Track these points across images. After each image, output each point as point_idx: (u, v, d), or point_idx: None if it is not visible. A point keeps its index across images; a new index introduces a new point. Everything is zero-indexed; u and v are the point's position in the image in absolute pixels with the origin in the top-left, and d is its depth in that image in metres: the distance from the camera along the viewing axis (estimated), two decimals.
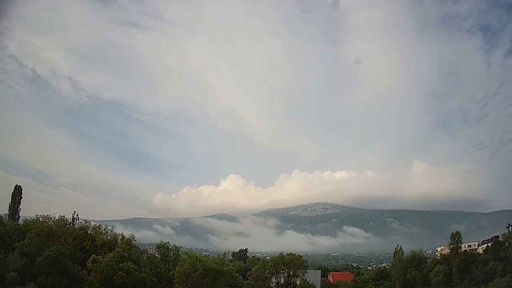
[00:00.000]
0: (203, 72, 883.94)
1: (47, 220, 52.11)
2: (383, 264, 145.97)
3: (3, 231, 48.72)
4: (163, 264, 52.58)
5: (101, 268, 42.63)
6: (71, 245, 46.50)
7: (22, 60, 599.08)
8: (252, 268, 76.46)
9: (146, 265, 50.84)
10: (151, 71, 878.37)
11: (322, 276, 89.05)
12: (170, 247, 53.89)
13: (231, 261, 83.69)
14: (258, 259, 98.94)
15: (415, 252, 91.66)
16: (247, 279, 73.81)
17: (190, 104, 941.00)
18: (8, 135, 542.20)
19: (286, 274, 66.36)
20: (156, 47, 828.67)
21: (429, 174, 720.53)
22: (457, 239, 79.00)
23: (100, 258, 43.57)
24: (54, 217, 53.22)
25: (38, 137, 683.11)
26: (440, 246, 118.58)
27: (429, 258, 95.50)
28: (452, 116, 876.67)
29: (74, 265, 43.28)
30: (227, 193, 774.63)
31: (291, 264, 65.60)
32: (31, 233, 43.06)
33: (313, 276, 73.16)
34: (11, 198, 71.75)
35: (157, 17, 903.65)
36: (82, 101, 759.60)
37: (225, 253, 59.01)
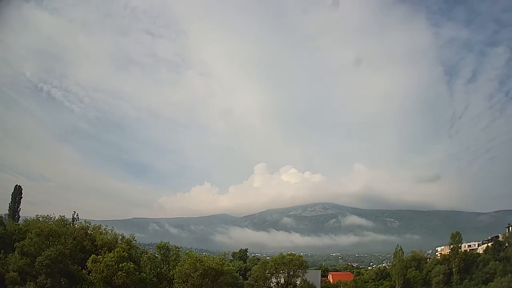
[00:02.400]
0: (195, 99, 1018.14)
1: (47, 220, 52.05)
2: (383, 264, 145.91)
3: (3, 231, 48.77)
4: (164, 264, 52.47)
5: (101, 268, 42.55)
6: (71, 245, 46.28)
7: (37, 84, 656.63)
8: (252, 268, 76.38)
9: (146, 265, 50.77)
10: (150, 99, 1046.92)
11: (322, 276, 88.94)
12: (170, 247, 53.83)
13: (231, 261, 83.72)
14: (258, 259, 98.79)
15: (415, 252, 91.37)
16: (247, 279, 73.73)
17: (186, 125, 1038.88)
18: (19, 147, 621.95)
19: (286, 274, 66.19)
20: (152, 80, 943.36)
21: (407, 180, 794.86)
22: (457, 239, 78.71)
23: (100, 258, 43.43)
24: (54, 217, 53.24)
25: (48, 149, 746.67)
26: (440, 246, 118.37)
27: (429, 258, 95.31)
28: (423, 135, 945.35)
29: (74, 265, 43.31)
30: (226, 195, 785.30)
31: (291, 264, 65.43)
32: (31, 233, 42.93)
33: (313, 276, 73.01)
34: (11, 198, 71.87)
35: (152, 55, 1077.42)
36: (92, 121, 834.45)
37: (225, 253, 59.02)
